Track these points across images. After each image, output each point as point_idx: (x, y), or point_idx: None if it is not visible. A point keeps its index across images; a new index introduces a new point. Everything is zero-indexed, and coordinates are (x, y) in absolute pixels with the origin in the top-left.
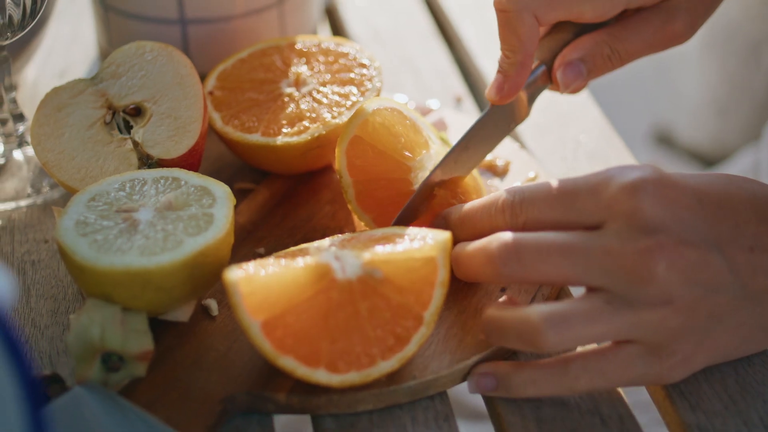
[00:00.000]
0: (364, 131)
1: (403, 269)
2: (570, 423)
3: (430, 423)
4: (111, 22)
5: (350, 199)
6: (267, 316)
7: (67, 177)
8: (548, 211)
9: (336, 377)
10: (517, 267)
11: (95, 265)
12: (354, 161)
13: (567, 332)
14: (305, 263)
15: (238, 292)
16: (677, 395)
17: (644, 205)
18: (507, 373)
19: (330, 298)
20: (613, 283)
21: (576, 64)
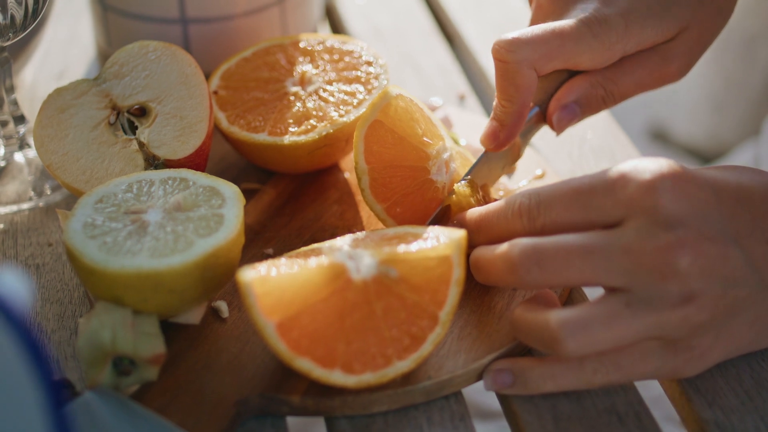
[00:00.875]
0: (386, 115)
1: (418, 268)
2: (587, 421)
3: (446, 423)
4: (110, 22)
5: (364, 187)
6: (282, 317)
7: (72, 179)
8: (566, 213)
9: (352, 378)
10: (539, 273)
11: (105, 267)
12: (372, 147)
13: (586, 338)
14: (320, 263)
15: (253, 293)
16: (693, 392)
17: (663, 201)
18: (524, 369)
19: (345, 298)
20: (635, 283)
21: (571, 107)
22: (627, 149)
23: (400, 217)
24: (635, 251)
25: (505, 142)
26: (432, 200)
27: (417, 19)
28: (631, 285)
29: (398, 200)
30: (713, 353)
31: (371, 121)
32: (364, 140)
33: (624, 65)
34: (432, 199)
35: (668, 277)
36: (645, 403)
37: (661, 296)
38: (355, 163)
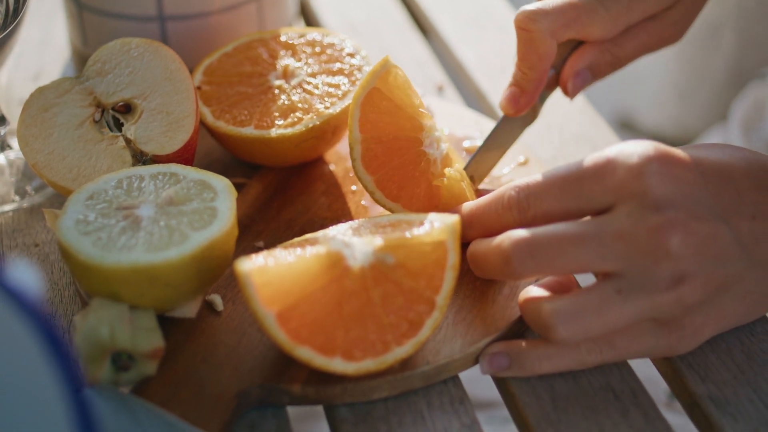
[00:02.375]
0: (385, 83)
1: (414, 254)
2: (584, 400)
3: (446, 407)
4: (86, 21)
5: (355, 157)
6: (281, 307)
7: (59, 177)
8: (556, 203)
9: (352, 365)
10: (533, 264)
11: (101, 263)
12: (368, 115)
13: (577, 326)
14: (317, 252)
15: (252, 283)
16: (686, 367)
17: (651, 184)
18: (519, 351)
19: (343, 286)
20: (629, 266)
21: (583, 73)
22: (606, 135)
23: (389, 190)
24: (627, 235)
25: (525, 106)
26: (423, 174)
27: (391, 14)
28: (625, 269)
29: (389, 172)
30: (705, 330)
31: (370, 89)
32: (360, 108)
33: (628, 32)
34: (423, 173)
35: (660, 260)
36: (640, 380)
37: (653, 279)
38: (349, 132)
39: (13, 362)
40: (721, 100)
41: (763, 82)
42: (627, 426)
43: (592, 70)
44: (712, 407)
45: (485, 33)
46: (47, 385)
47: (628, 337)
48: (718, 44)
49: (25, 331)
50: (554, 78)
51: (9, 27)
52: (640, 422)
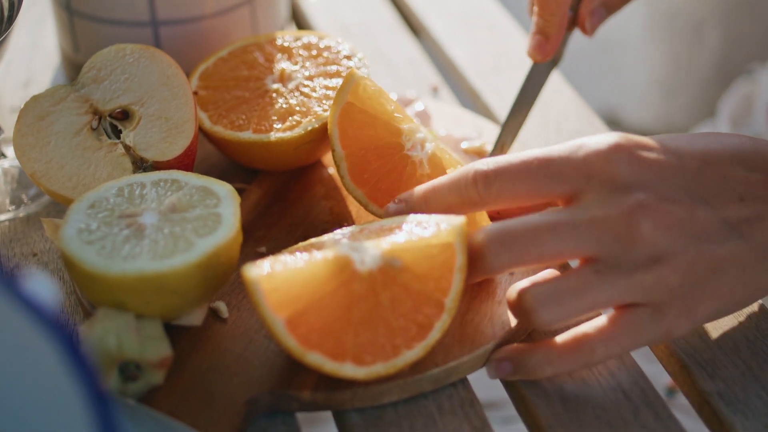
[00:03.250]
0: (356, 96)
1: (422, 257)
2: (594, 400)
3: (456, 410)
4: (77, 27)
5: (343, 174)
6: (290, 313)
7: (58, 186)
8: (522, 181)
9: (362, 370)
10: (508, 255)
11: (106, 272)
12: (346, 130)
13: (559, 309)
14: (325, 257)
15: (261, 289)
16: (693, 365)
17: (620, 167)
18: (522, 357)
19: (352, 290)
20: (604, 250)
21: (598, 11)
22: (601, 131)
23: (381, 200)
24: (600, 221)
25: (551, 51)
26: (411, 177)
27: (381, 14)
28: (601, 253)
29: (378, 182)
30: (700, 309)
31: (343, 105)
32: (338, 125)
33: None
34: (411, 176)
35: (634, 242)
36: (648, 378)
37: (629, 260)
38: (332, 150)
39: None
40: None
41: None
42: (639, 426)
43: (606, 5)
44: (722, 405)
45: (476, 32)
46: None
47: (628, 329)
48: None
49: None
50: (572, 18)
51: (4, 34)
52: (651, 421)
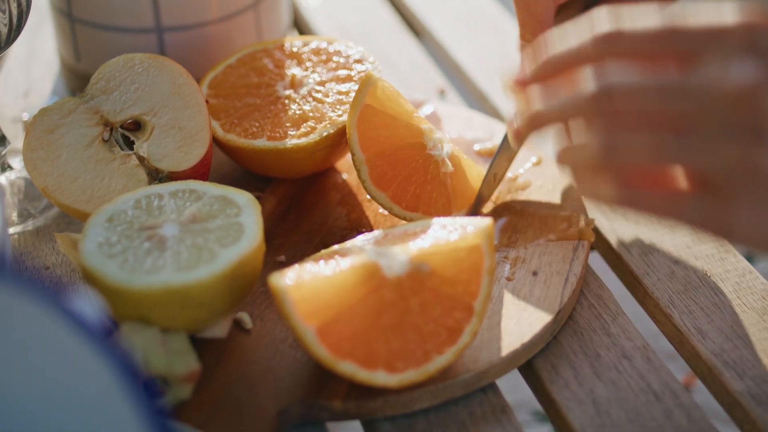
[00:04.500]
0: (374, 98)
1: (449, 260)
2: (626, 403)
3: (488, 417)
4: (78, 35)
5: (364, 178)
6: (321, 322)
7: (72, 200)
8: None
9: (394, 377)
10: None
11: (130, 286)
12: (366, 133)
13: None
14: (352, 264)
15: (290, 299)
16: (722, 365)
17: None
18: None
19: (381, 297)
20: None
21: None
22: None
23: (405, 202)
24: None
25: None
26: (435, 177)
27: (382, 17)
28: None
29: (401, 184)
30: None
31: (361, 107)
32: (357, 128)
33: None
34: (434, 176)
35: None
36: (678, 380)
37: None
38: (351, 155)
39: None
40: None
41: None
42: (672, 427)
43: None
44: (753, 404)
45: (479, 34)
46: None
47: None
48: None
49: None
50: None
51: (12, 42)
52: (684, 423)
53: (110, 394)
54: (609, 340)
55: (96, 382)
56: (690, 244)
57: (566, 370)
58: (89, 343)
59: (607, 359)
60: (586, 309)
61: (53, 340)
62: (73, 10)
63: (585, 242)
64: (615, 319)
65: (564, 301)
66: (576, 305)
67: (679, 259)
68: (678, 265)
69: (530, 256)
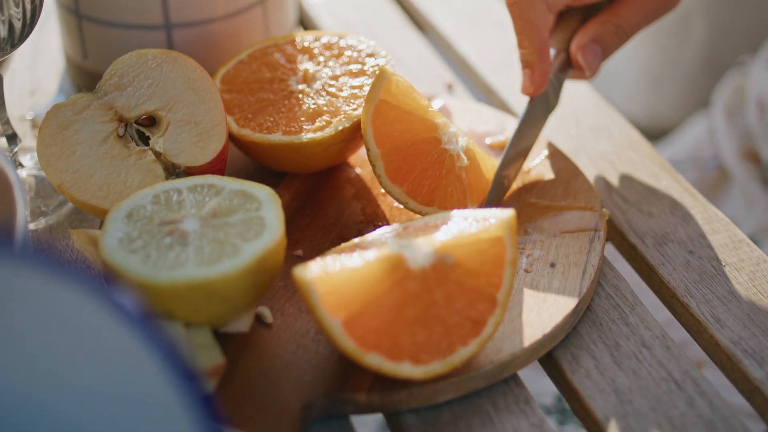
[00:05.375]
0: (389, 93)
1: (472, 252)
2: (647, 391)
3: (512, 407)
4: (86, 32)
5: (379, 173)
6: (347, 315)
7: (88, 196)
8: None
9: (420, 369)
10: None
11: (154, 281)
12: (380, 128)
13: None
14: (377, 256)
15: (316, 292)
16: (741, 353)
17: None
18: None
19: (406, 289)
20: None
21: (591, 46)
22: (621, 126)
23: (421, 196)
24: None
25: (541, 82)
26: (450, 171)
27: (386, 13)
28: None
29: (417, 179)
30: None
31: (375, 102)
32: (371, 123)
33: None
34: (450, 170)
35: None
36: (698, 369)
37: None
38: (366, 150)
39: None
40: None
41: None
42: (695, 415)
43: (599, 42)
44: None
45: (483, 29)
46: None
47: None
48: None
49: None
50: (566, 59)
51: (25, 39)
52: (706, 411)
53: (158, 385)
54: (628, 330)
55: (145, 373)
56: (703, 234)
57: (587, 360)
58: (135, 332)
59: (627, 349)
60: (603, 299)
61: (100, 329)
62: (81, 7)
63: (600, 233)
64: (633, 309)
65: (583, 291)
66: (594, 296)
67: (693, 249)
68: (692, 255)
69: (547, 248)
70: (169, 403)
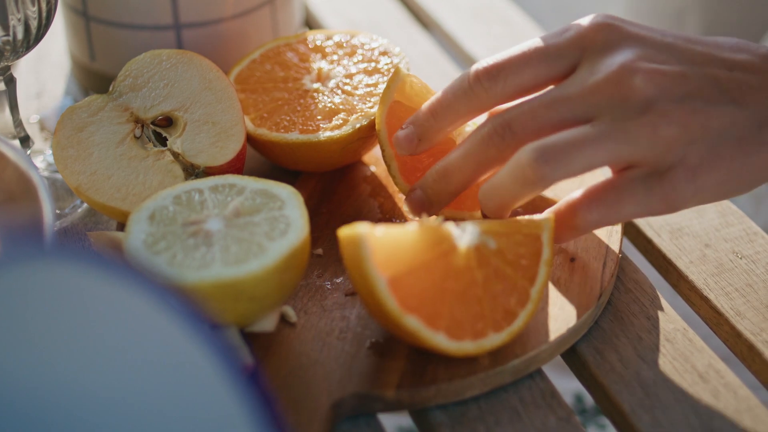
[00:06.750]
0: (403, 94)
1: (512, 243)
2: (672, 384)
3: (538, 401)
4: (93, 33)
5: (394, 174)
6: (394, 273)
7: (107, 198)
8: (524, 68)
9: (454, 344)
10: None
11: (182, 282)
12: (395, 129)
13: (558, 161)
14: (426, 226)
15: (368, 246)
16: (762, 344)
17: (609, 35)
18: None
19: (450, 262)
20: (601, 112)
21: None
22: None
23: None
24: (591, 86)
25: None
26: None
27: (390, 11)
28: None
29: None
30: (702, 174)
31: (389, 103)
32: (386, 124)
33: None
34: None
35: (627, 96)
36: (720, 361)
37: (623, 114)
38: (381, 150)
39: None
40: None
41: None
42: (721, 406)
43: None
44: None
45: (489, 26)
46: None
47: (620, 191)
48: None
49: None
50: None
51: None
52: (732, 402)
53: (215, 383)
54: (649, 323)
55: (200, 371)
56: (718, 227)
57: (610, 353)
58: (194, 332)
59: (650, 342)
60: (623, 293)
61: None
62: (89, 9)
63: (617, 228)
64: (653, 302)
65: (604, 285)
66: (613, 290)
67: (708, 242)
68: (708, 248)
69: (566, 243)
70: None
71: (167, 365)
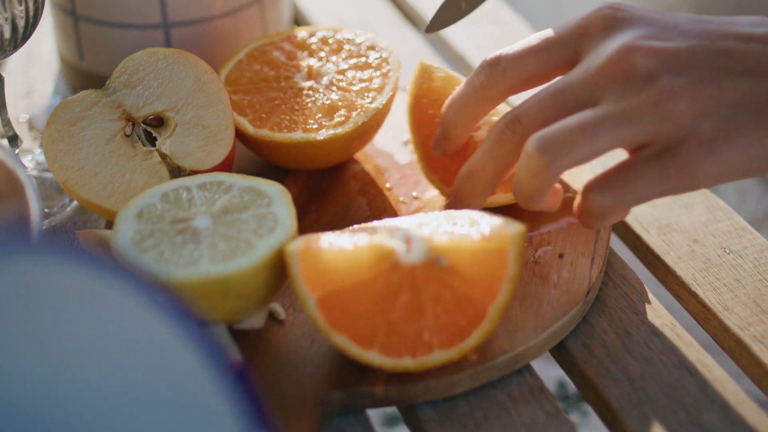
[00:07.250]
0: (429, 84)
1: (472, 260)
2: (660, 378)
3: (527, 397)
4: (82, 33)
5: (419, 159)
6: (323, 292)
7: (92, 195)
8: (527, 57)
9: (389, 361)
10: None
11: (169, 279)
12: (422, 116)
13: (559, 148)
14: (368, 242)
15: (298, 264)
16: (750, 339)
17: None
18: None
19: (390, 280)
20: (606, 94)
21: None
22: None
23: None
24: (593, 70)
25: None
26: None
27: (379, 10)
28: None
29: (450, 166)
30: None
31: (416, 95)
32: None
33: None
34: None
35: (630, 75)
36: (708, 356)
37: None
38: (411, 133)
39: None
40: None
41: None
42: (708, 401)
43: None
44: None
45: (480, 26)
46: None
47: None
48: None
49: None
50: None
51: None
52: (719, 396)
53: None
54: (637, 319)
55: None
56: (706, 222)
57: (598, 349)
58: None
59: (638, 337)
60: (611, 289)
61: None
62: (78, 8)
63: None
64: (641, 298)
65: (592, 281)
66: (601, 286)
67: (696, 237)
68: (697, 244)
69: (554, 239)
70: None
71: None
